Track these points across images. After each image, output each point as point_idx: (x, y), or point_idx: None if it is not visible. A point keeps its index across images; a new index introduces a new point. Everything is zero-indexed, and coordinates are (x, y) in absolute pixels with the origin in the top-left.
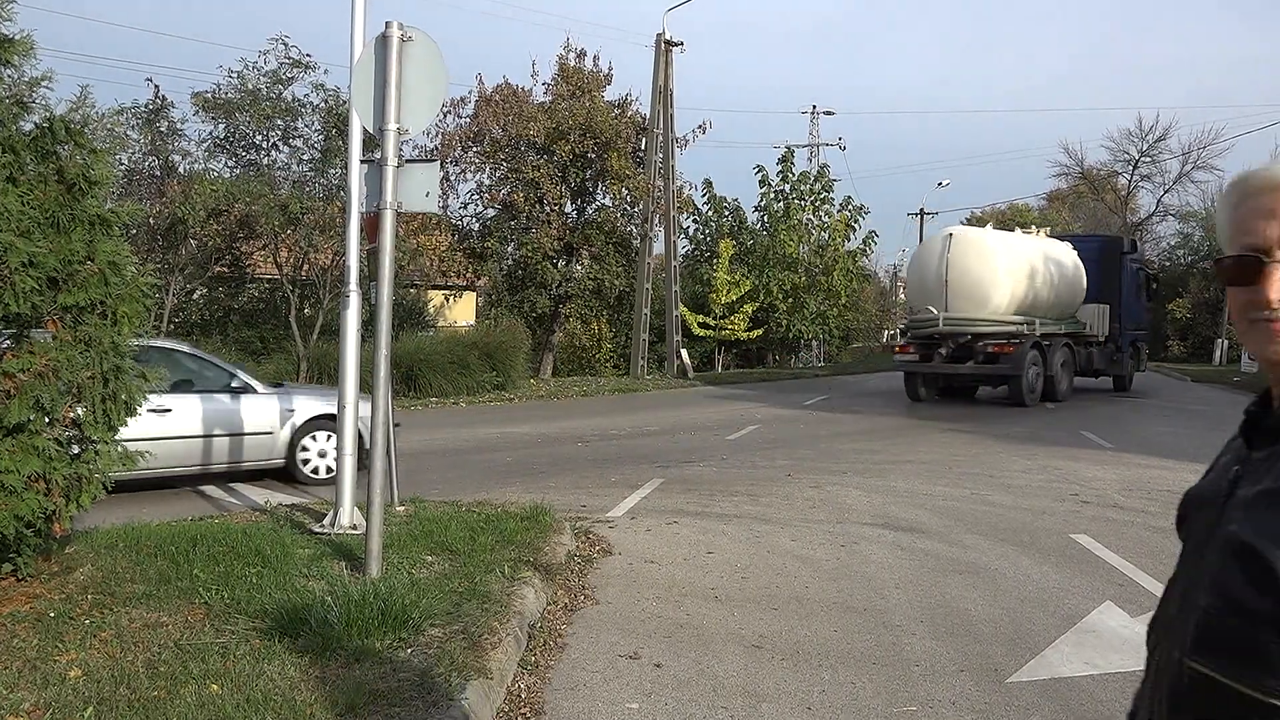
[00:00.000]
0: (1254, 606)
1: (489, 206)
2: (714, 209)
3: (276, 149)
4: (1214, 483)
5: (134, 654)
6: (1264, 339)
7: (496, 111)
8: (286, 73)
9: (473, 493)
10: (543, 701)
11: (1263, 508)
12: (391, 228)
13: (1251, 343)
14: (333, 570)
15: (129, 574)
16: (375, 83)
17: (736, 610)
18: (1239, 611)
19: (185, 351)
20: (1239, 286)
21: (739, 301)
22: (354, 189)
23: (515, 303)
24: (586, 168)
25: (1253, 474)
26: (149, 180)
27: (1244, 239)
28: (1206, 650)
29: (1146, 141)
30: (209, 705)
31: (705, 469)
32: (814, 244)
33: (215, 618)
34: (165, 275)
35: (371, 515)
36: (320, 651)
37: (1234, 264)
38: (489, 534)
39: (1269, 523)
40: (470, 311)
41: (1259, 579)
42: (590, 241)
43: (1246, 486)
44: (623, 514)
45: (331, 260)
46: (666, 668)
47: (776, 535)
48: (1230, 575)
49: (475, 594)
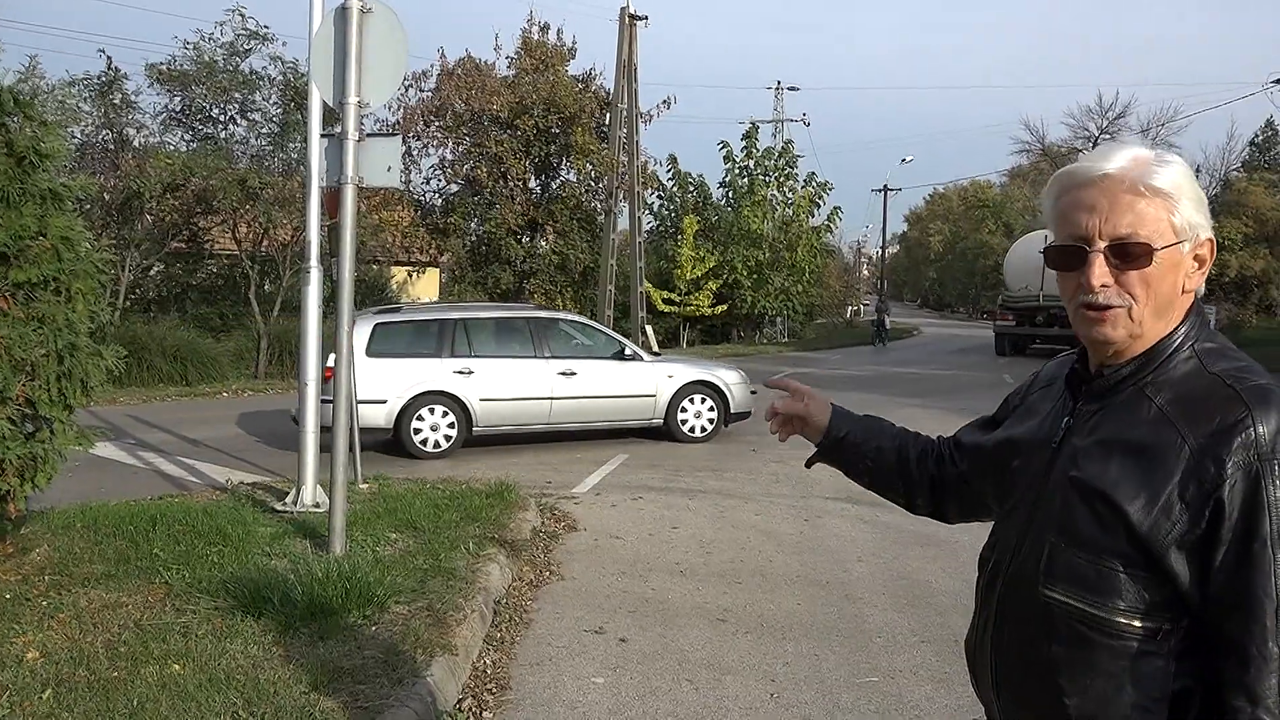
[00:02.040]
0: (1099, 541)
1: (452, 182)
2: (679, 185)
3: (234, 122)
4: (1040, 430)
5: (93, 635)
6: (1088, 322)
7: (459, 86)
8: (243, 44)
9: (436, 469)
10: (508, 677)
11: (1102, 457)
12: (353, 203)
13: (1078, 324)
14: (296, 548)
15: (87, 554)
16: (335, 56)
17: (701, 584)
18: (1085, 545)
19: (584, 323)
20: (1068, 272)
21: (704, 278)
22: (314, 164)
23: (479, 279)
24: (550, 143)
25: (1084, 426)
26: (102, 154)
27: (1068, 229)
28: (1060, 580)
29: (1107, 119)
30: (171, 685)
31: (670, 445)
32: (778, 220)
33: (176, 597)
34: (121, 251)
35: (334, 492)
36: (284, 630)
37: (1060, 253)
38: (453, 511)
39: (1110, 470)
40: (434, 288)
41: (1104, 518)
42: (555, 217)
43: (1081, 437)
44: (588, 490)
45: (292, 236)
46: (632, 642)
47: (741, 510)
48: (1077, 515)
49: (440, 571)
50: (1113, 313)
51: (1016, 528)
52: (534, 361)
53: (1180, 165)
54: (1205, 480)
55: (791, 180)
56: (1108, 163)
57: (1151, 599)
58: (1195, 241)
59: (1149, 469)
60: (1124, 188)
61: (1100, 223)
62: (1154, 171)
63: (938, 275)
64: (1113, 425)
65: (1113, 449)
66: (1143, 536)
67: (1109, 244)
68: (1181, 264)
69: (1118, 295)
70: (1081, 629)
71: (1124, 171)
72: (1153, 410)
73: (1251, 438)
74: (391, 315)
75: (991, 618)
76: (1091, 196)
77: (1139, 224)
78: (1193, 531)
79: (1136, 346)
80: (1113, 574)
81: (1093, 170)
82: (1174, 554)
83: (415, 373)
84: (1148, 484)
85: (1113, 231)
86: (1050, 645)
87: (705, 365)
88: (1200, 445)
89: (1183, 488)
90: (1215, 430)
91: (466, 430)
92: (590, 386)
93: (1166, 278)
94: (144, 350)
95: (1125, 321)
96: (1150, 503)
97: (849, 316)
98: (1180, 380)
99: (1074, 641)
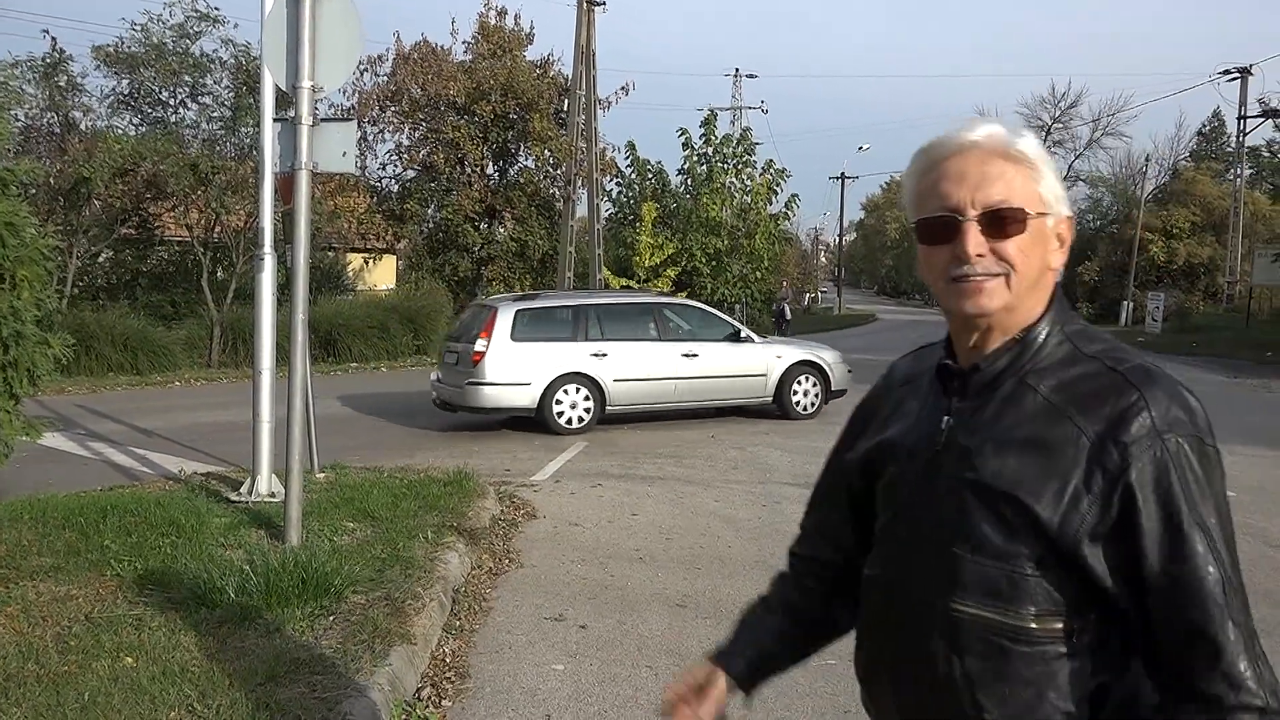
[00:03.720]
0: (1008, 546)
1: (408, 168)
2: (637, 172)
3: (185, 106)
4: (916, 432)
5: (42, 628)
6: (962, 294)
7: (415, 70)
8: (193, 26)
9: (395, 458)
10: (468, 665)
11: (998, 456)
12: (307, 189)
13: (950, 299)
14: (251, 539)
15: (35, 547)
16: (288, 38)
17: (660, 571)
18: (994, 553)
19: (700, 308)
20: (938, 245)
21: (662, 265)
22: (267, 149)
23: (436, 266)
24: (508, 129)
25: (967, 424)
26: (48, 138)
27: (938, 202)
28: (971, 592)
29: (1059, 108)
30: (123, 678)
31: (629, 432)
32: (736, 207)
33: (128, 589)
34: (68, 237)
35: (290, 482)
36: (239, 621)
37: (933, 224)
38: (412, 500)
39: (1008, 468)
40: (390, 275)
41: (1010, 520)
42: (512, 204)
43: (967, 436)
44: (547, 478)
45: (245, 222)
46: (591, 629)
47: (700, 496)
48: (980, 521)
49: (398, 560)
50: (990, 282)
51: (903, 540)
52: (659, 344)
53: (1036, 138)
54: (1110, 469)
55: (750, 168)
56: (972, 133)
57: (1063, 599)
58: (1059, 217)
59: (1050, 464)
60: (994, 155)
61: (971, 191)
62: (1018, 140)
63: (894, 262)
64: (1001, 422)
65: (1007, 447)
66: (1053, 534)
67: (982, 212)
68: (1049, 238)
69: (994, 264)
70: (996, 640)
71: (991, 139)
72: (1039, 401)
73: (1148, 421)
74: (530, 303)
75: (891, 637)
76: (960, 166)
77: (1010, 191)
78: (1104, 522)
79: (1011, 323)
80: (1024, 579)
81: (961, 140)
82: (1088, 547)
83: (556, 356)
84: (1051, 479)
85: (985, 200)
86: (963, 660)
87: (808, 346)
88: (1099, 434)
89: (1088, 479)
90: (1111, 418)
91: (600, 409)
92: (710, 367)
93: (1037, 248)
94: (93, 339)
95: (1002, 291)
96: (1057, 498)
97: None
98: (1059, 366)
99: (989, 654)
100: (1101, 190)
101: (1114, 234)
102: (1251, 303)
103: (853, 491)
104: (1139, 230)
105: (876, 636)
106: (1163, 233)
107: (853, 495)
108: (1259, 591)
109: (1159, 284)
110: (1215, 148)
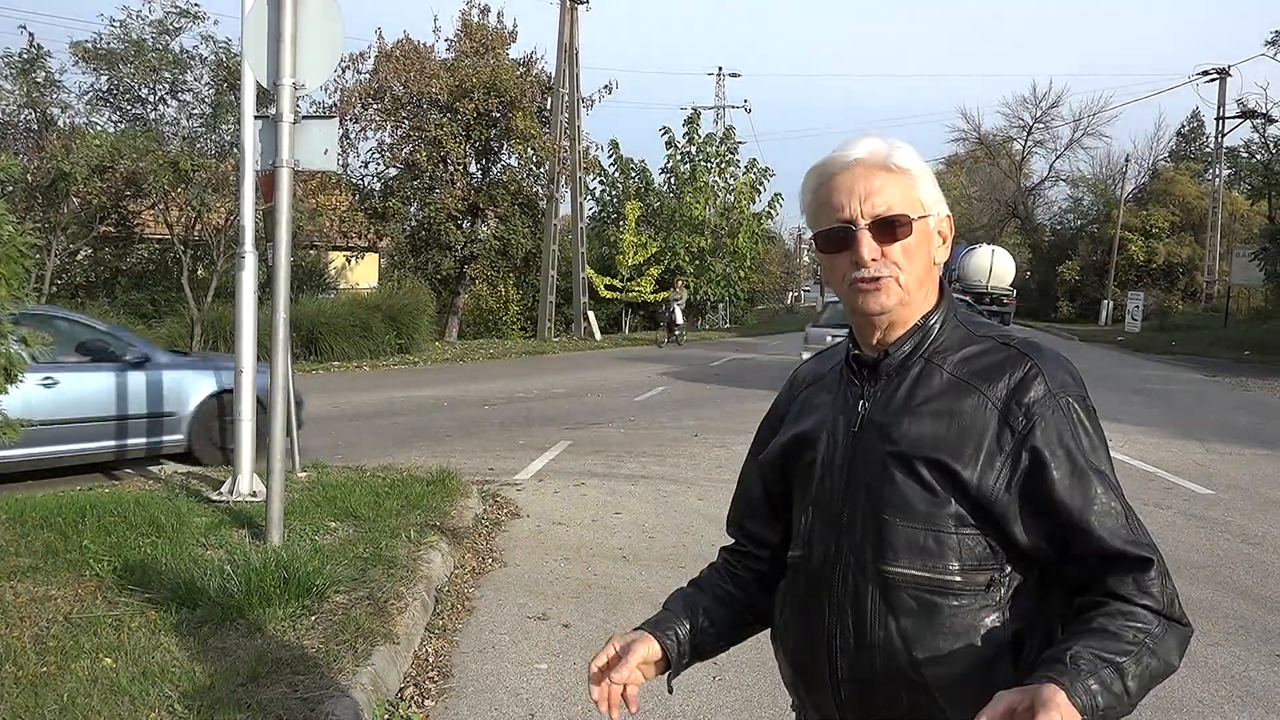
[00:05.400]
0: (931, 508)
1: (390, 166)
2: (621, 170)
3: (164, 103)
4: (831, 418)
5: (20, 629)
6: (863, 294)
7: (397, 68)
8: (173, 22)
9: (377, 458)
10: (451, 665)
11: (915, 427)
12: (289, 187)
13: (853, 299)
14: (232, 539)
15: (13, 547)
16: (269, 35)
17: (644, 570)
18: (919, 516)
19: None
20: (837, 253)
21: (645, 264)
22: (248, 146)
23: (419, 264)
24: (491, 127)
25: (882, 404)
26: (25, 134)
27: (833, 214)
28: (901, 553)
29: (1040, 108)
30: (103, 680)
31: (613, 430)
32: (719, 206)
33: (107, 590)
34: (46, 235)
35: (272, 481)
36: (220, 621)
37: (831, 234)
38: (394, 499)
39: (927, 437)
40: (373, 274)
41: (935, 483)
42: (496, 202)
43: (884, 414)
44: (530, 477)
45: (226, 220)
46: (575, 628)
47: (683, 495)
48: (905, 487)
49: (381, 559)
50: (884, 282)
51: (828, 519)
52: None
53: (911, 149)
54: (1016, 428)
55: (733, 167)
56: (855, 150)
57: (981, 552)
58: (938, 217)
59: (964, 429)
60: (875, 169)
61: (860, 203)
62: (895, 153)
63: None
64: (914, 399)
65: (923, 419)
66: (974, 491)
67: (871, 221)
68: (931, 236)
69: (885, 266)
70: (925, 596)
71: (872, 155)
72: (946, 377)
73: (1043, 385)
74: None
75: (825, 614)
76: (848, 181)
77: (893, 200)
78: (1015, 475)
79: (908, 316)
80: (948, 535)
81: (845, 158)
82: (1004, 500)
83: None
84: (967, 442)
85: (872, 210)
86: (898, 620)
87: None
88: (1004, 399)
89: (999, 438)
90: (1012, 385)
91: None
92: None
93: (922, 247)
94: None
95: (896, 289)
96: (974, 457)
97: (790, 302)
98: (958, 346)
99: (921, 610)
100: (1082, 190)
101: (1094, 233)
102: (1230, 302)
103: (770, 492)
104: (1119, 230)
105: (808, 616)
106: (1142, 232)
107: (770, 495)
108: (1238, 588)
109: (1138, 283)
110: (1194, 148)
